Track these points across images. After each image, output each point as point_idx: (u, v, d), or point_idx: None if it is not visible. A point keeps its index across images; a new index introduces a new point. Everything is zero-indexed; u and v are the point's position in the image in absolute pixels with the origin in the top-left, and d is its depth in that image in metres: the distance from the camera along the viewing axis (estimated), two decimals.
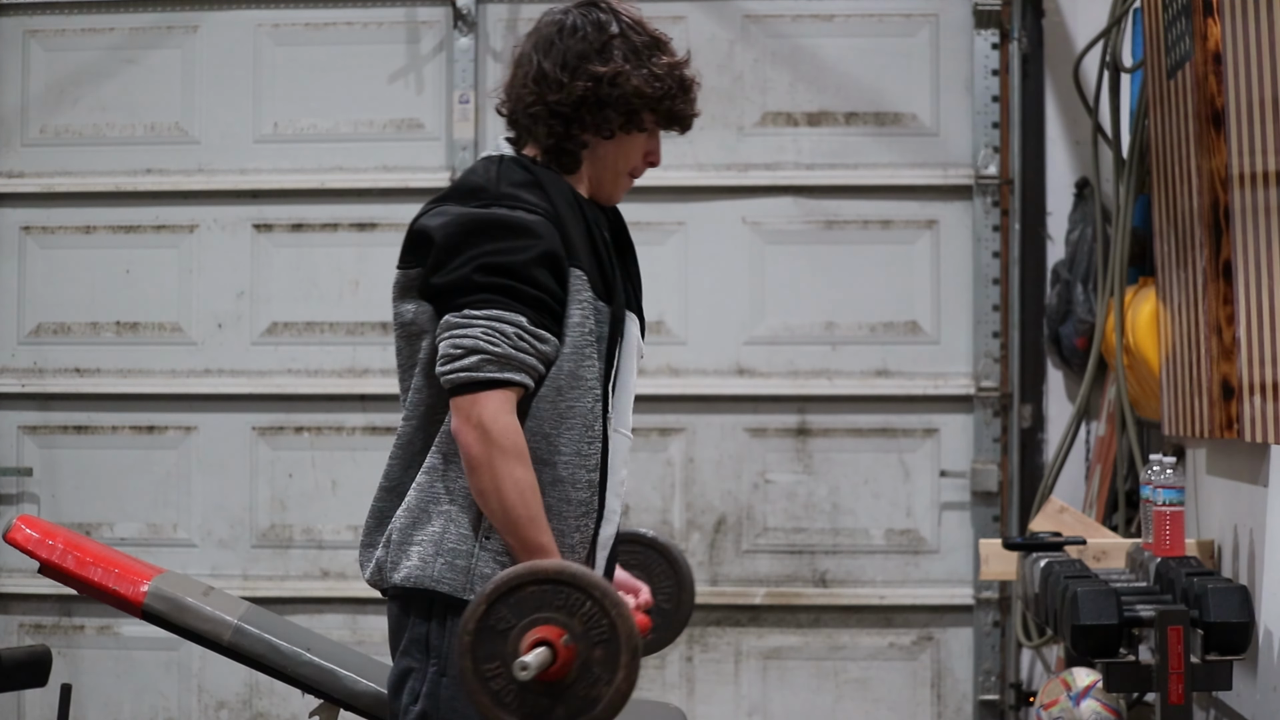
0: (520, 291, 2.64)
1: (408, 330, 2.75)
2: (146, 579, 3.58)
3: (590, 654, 2.45)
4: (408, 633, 2.71)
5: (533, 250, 2.65)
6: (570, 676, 2.46)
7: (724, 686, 5.41)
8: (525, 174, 2.72)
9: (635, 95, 2.76)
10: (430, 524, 2.69)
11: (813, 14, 5.43)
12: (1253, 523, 3.92)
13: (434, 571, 2.66)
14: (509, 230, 2.65)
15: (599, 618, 2.45)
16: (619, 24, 2.79)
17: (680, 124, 2.86)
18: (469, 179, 2.74)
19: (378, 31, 5.51)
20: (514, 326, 2.63)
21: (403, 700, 2.71)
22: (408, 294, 2.74)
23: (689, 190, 5.45)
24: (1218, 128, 3.90)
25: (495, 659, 2.47)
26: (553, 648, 2.45)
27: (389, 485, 2.76)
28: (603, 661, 2.46)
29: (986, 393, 5.33)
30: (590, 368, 2.70)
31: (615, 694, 2.46)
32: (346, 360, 5.50)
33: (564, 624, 2.46)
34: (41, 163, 5.59)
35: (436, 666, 2.68)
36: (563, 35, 2.78)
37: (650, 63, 2.78)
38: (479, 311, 2.63)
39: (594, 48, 2.76)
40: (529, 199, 2.69)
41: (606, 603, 2.46)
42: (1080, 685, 4.27)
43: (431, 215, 2.72)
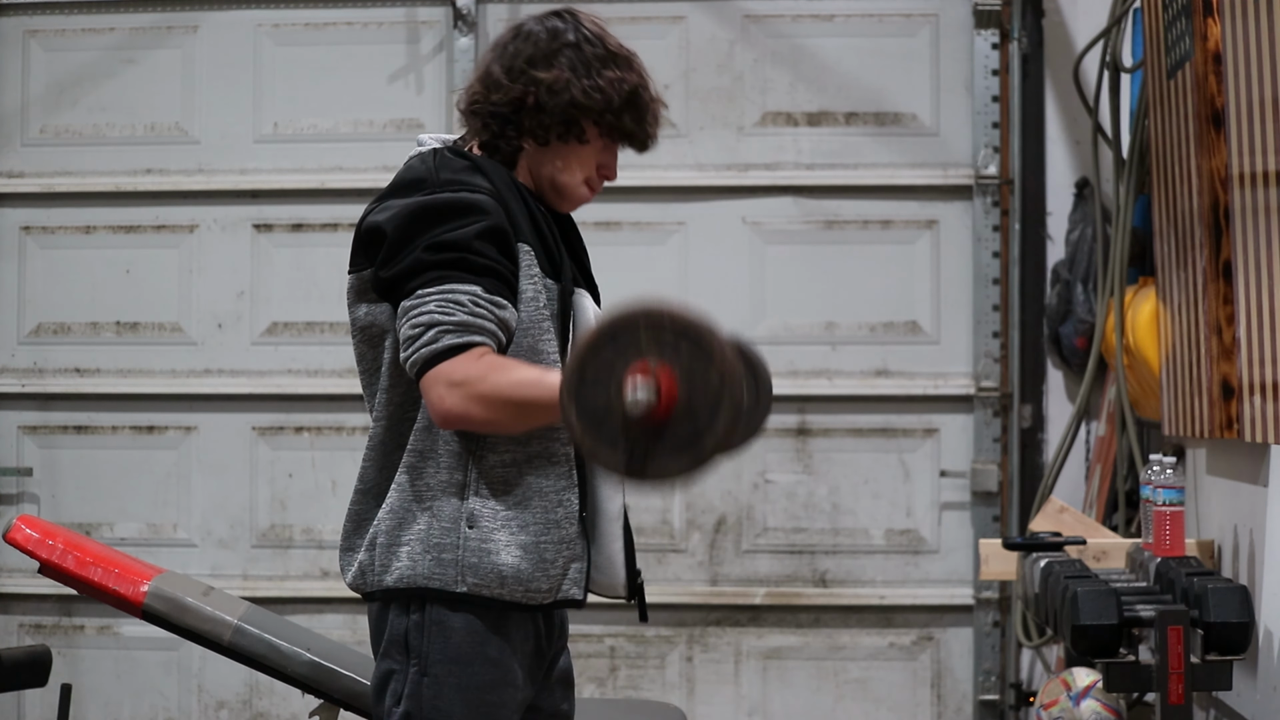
0: (471, 262, 2.62)
1: (368, 334, 2.73)
2: (146, 579, 3.58)
3: (693, 392, 2.44)
4: (387, 633, 2.70)
5: (480, 224, 2.64)
6: (676, 412, 2.44)
7: (724, 686, 5.41)
8: (463, 161, 2.73)
9: (572, 105, 2.74)
10: (415, 523, 2.68)
11: (813, 14, 5.43)
12: (1253, 523, 3.92)
13: (423, 569, 2.66)
14: (455, 210, 2.65)
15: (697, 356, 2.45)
16: (576, 34, 2.78)
17: (630, 140, 2.81)
18: (407, 173, 2.74)
19: (378, 31, 5.51)
20: (468, 295, 2.61)
21: (386, 702, 2.70)
22: (363, 296, 2.72)
23: (689, 190, 5.45)
24: (1218, 128, 3.90)
25: (600, 400, 2.45)
26: (656, 382, 2.43)
27: (364, 488, 2.75)
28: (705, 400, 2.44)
29: (986, 393, 5.33)
30: (549, 341, 2.69)
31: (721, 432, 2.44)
32: (346, 360, 5.50)
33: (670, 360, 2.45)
34: (41, 163, 5.59)
35: (417, 666, 2.67)
36: (516, 39, 2.79)
37: (598, 75, 2.75)
38: (431, 288, 2.61)
39: (541, 53, 2.76)
40: (471, 181, 2.68)
41: (705, 341, 2.45)
42: (1080, 685, 4.27)
43: (377, 212, 2.70)
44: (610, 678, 5.41)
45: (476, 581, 2.65)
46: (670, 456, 2.47)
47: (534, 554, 2.67)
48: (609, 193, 5.34)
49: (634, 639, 5.41)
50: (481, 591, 2.65)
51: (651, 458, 2.47)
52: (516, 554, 2.66)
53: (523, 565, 2.66)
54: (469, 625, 2.66)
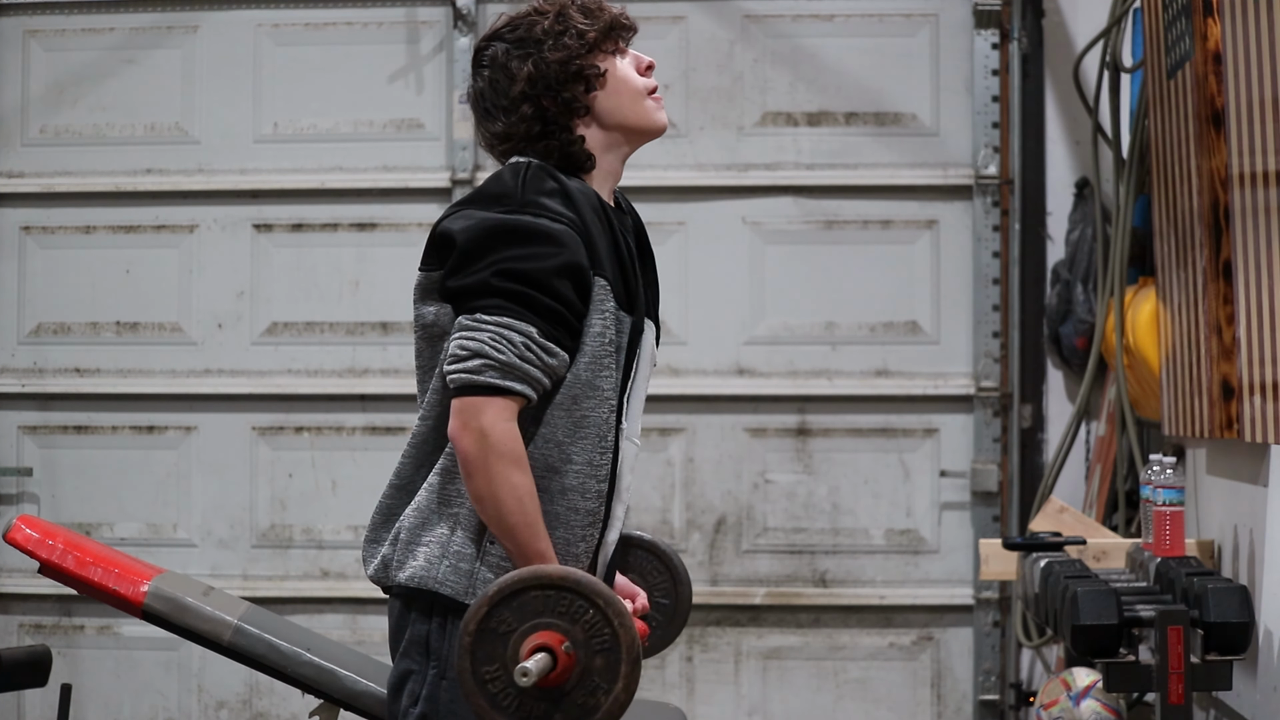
0: (535, 301, 2.62)
1: (429, 332, 2.73)
2: (146, 579, 3.58)
3: (591, 662, 2.45)
4: (408, 633, 2.70)
5: (554, 259, 2.63)
6: (570, 683, 2.46)
7: (724, 686, 5.41)
8: (552, 182, 2.71)
9: (561, 68, 2.76)
10: (439, 525, 2.68)
11: (813, 14, 5.43)
12: (1253, 523, 3.92)
13: (438, 573, 2.66)
14: (532, 237, 2.64)
15: (601, 626, 2.45)
16: (499, 46, 2.79)
17: (617, 31, 2.84)
18: (494, 185, 2.72)
19: (378, 31, 5.51)
20: (523, 336, 2.61)
21: (402, 702, 2.70)
22: (429, 296, 2.72)
23: (689, 190, 5.45)
24: (1218, 128, 3.90)
25: (495, 661, 2.46)
26: (553, 654, 2.44)
27: (399, 483, 2.75)
28: (603, 670, 2.46)
29: (986, 393, 5.33)
30: (608, 378, 2.69)
31: (614, 703, 2.46)
32: (346, 360, 5.50)
33: (565, 630, 2.45)
34: (41, 163, 5.59)
35: (436, 669, 2.67)
36: (476, 93, 2.81)
37: (543, 34, 2.76)
38: (490, 317, 2.62)
39: (502, 76, 2.77)
40: (554, 207, 2.67)
41: (609, 611, 2.45)
42: (1080, 685, 4.27)
43: (454, 219, 2.70)
44: None
45: None
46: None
47: None
48: None
49: None
50: None
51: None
52: None
53: None
54: None
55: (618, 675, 2.45)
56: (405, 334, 5.43)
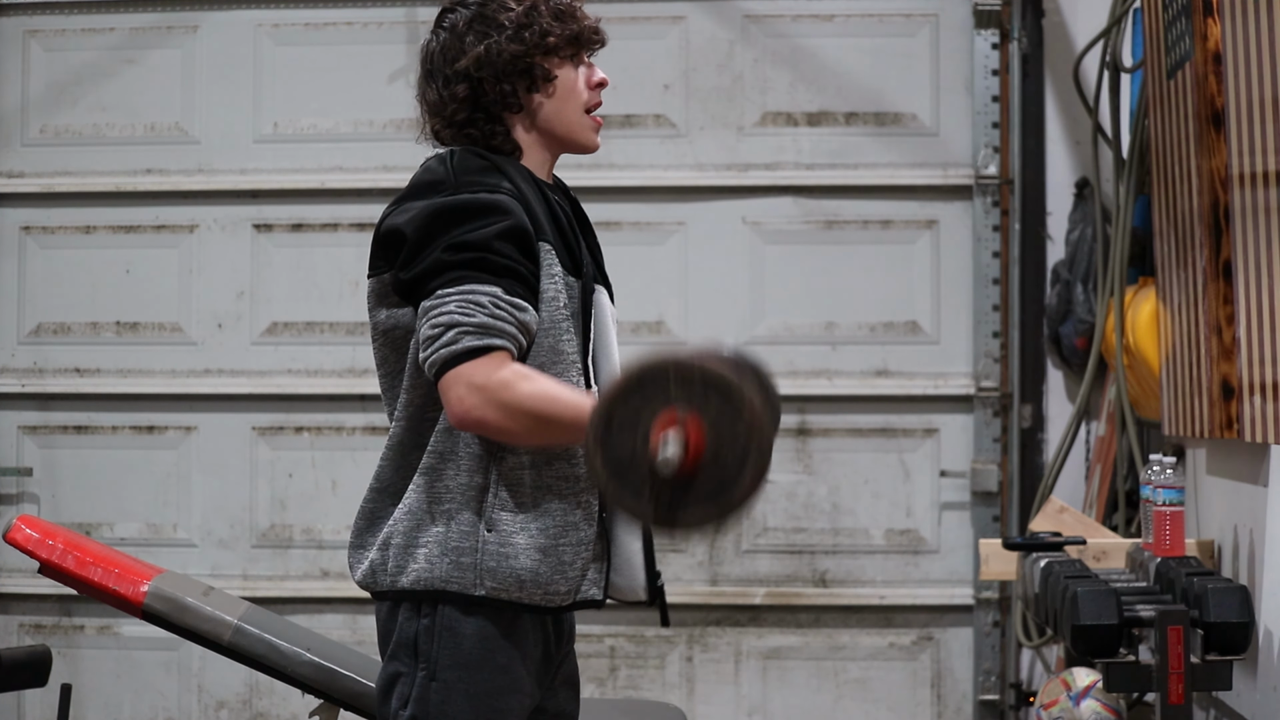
0: (491, 263, 2.61)
1: (390, 337, 2.72)
2: (146, 579, 3.58)
3: (720, 444, 2.42)
4: (396, 635, 2.69)
5: (499, 224, 2.63)
6: (703, 465, 2.43)
7: (724, 686, 5.41)
8: (481, 160, 2.72)
9: (512, 60, 2.73)
10: (433, 525, 2.67)
11: (813, 14, 5.43)
12: (1253, 523, 3.92)
13: (441, 572, 2.65)
14: (474, 211, 2.64)
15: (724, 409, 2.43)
16: (465, 11, 2.77)
17: (583, 41, 2.80)
18: (424, 175, 2.73)
19: (378, 31, 5.51)
20: (489, 296, 2.59)
21: (392, 704, 2.69)
22: (383, 300, 2.71)
23: (689, 190, 5.45)
24: (1218, 128, 3.90)
25: (627, 449, 2.44)
26: (684, 434, 2.41)
27: (380, 486, 2.73)
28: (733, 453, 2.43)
29: (986, 393, 5.33)
30: (569, 342, 2.68)
31: (748, 484, 2.43)
32: (346, 360, 5.50)
33: (698, 411, 2.43)
34: (41, 163, 5.59)
35: (425, 671, 2.66)
36: (424, 59, 2.80)
37: (508, 20, 2.74)
38: (451, 289, 2.60)
39: (452, 47, 2.76)
40: (490, 181, 2.68)
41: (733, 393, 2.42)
42: (1080, 685, 4.27)
43: (396, 214, 2.70)
44: (610, 678, 5.41)
45: (495, 585, 2.64)
46: (697, 507, 2.46)
47: (553, 556, 2.66)
48: (609, 193, 5.39)
49: (634, 639, 5.41)
50: (500, 595, 2.64)
51: (678, 508, 2.46)
52: (535, 557, 2.65)
53: (541, 568, 2.65)
54: (480, 630, 2.65)
55: (748, 455, 2.42)
56: None
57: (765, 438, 2.44)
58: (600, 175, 5.36)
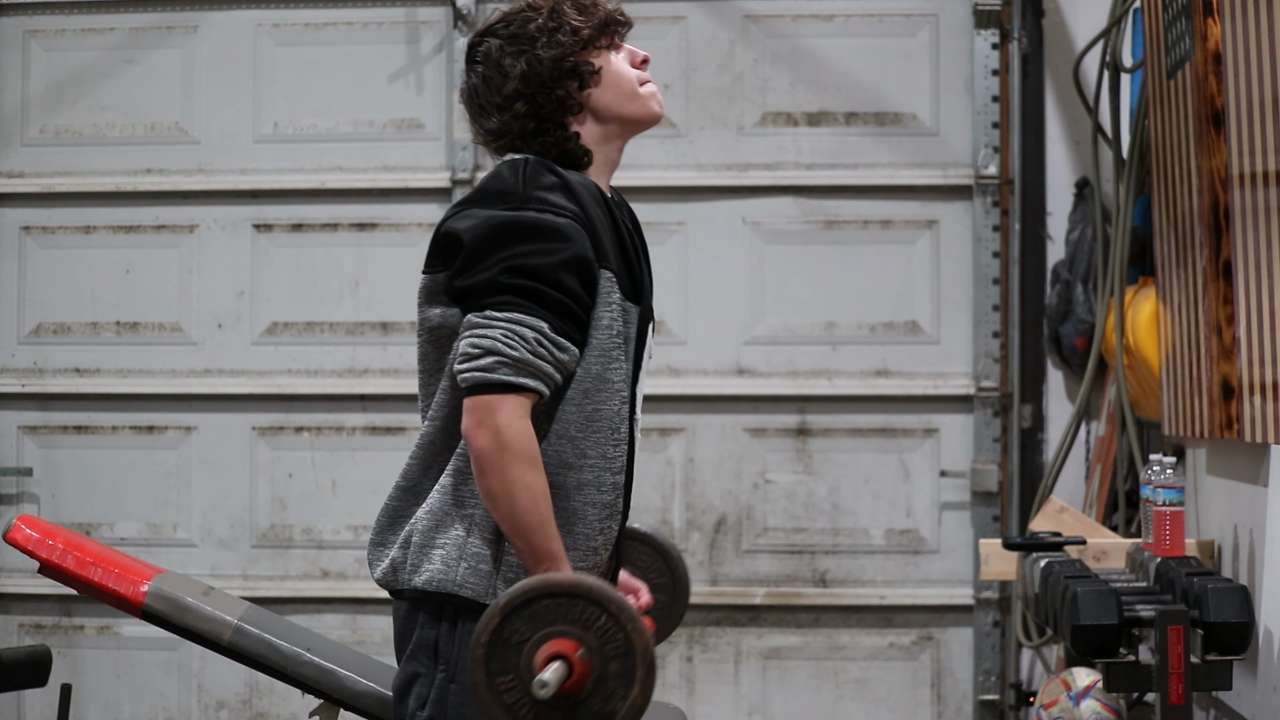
0: (545, 296, 2.61)
1: (436, 335, 2.72)
2: (146, 579, 3.58)
3: (606, 668, 2.43)
4: (415, 636, 2.69)
5: (561, 254, 2.62)
6: (585, 691, 2.43)
7: (724, 686, 5.41)
8: (552, 177, 2.70)
9: (555, 66, 2.75)
10: (454, 527, 2.66)
11: (813, 14, 5.43)
12: (1253, 523, 3.92)
13: (457, 576, 2.64)
14: (537, 233, 2.63)
15: (614, 631, 2.43)
16: (493, 43, 2.79)
17: (612, 26, 2.82)
18: (495, 182, 2.72)
19: (378, 31, 5.51)
20: (534, 331, 2.60)
21: (409, 705, 2.69)
22: (434, 298, 2.71)
23: (689, 190, 5.45)
24: (1218, 128, 3.90)
25: (509, 672, 2.44)
26: (568, 662, 2.42)
27: (406, 485, 2.73)
28: (618, 675, 2.43)
29: (986, 393, 5.33)
30: (617, 370, 2.69)
31: (631, 708, 2.44)
32: (346, 360, 5.50)
33: (579, 638, 2.43)
34: (41, 163, 5.59)
35: (445, 672, 2.66)
36: (468, 91, 2.81)
37: (538, 31, 2.76)
38: (500, 313, 2.61)
39: (495, 75, 2.77)
40: (558, 201, 2.67)
41: (622, 617, 2.43)
42: (1080, 685, 4.27)
43: (458, 218, 2.69)
44: None
45: None
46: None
47: None
48: None
49: None
50: None
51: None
52: None
53: None
54: None
55: (634, 680, 2.43)
56: (405, 334, 5.43)
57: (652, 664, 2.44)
58: None
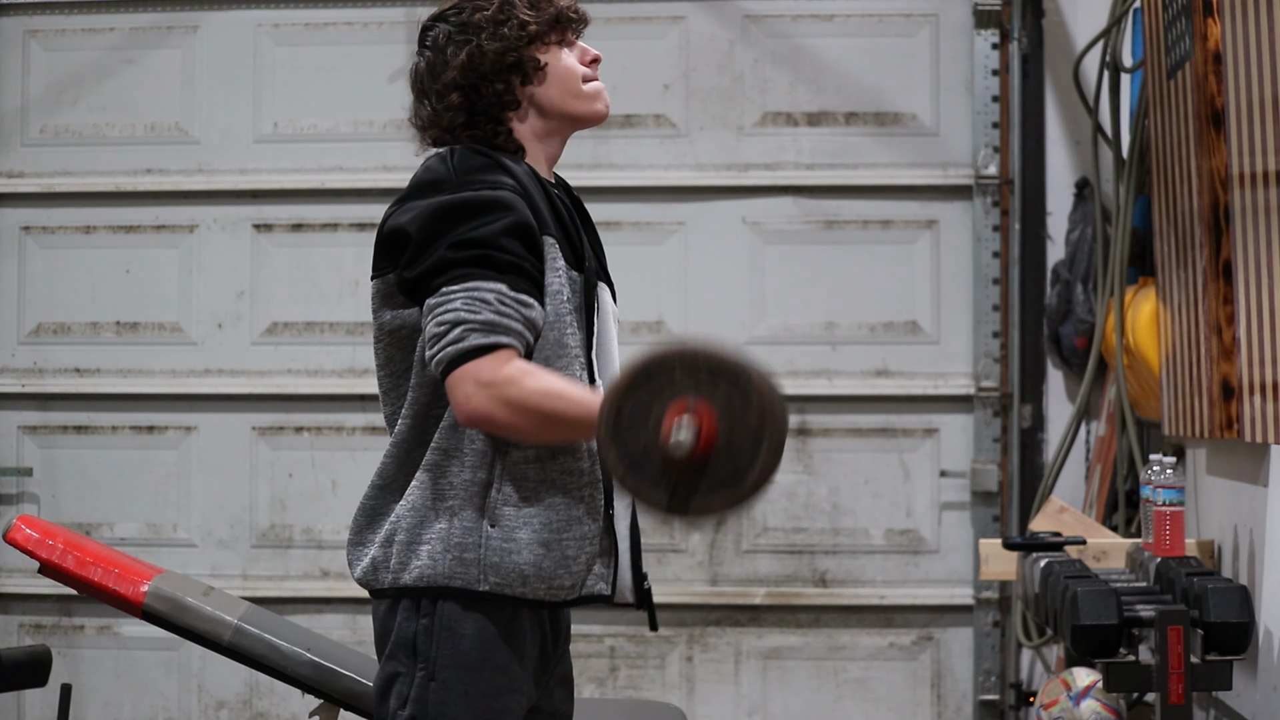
0: (496, 259, 2.61)
1: (397, 337, 2.72)
2: (146, 579, 3.58)
3: (733, 428, 2.44)
4: (394, 635, 2.69)
5: (503, 220, 2.63)
6: (717, 450, 2.44)
7: (724, 686, 5.41)
8: (482, 158, 2.72)
9: (498, 57, 2.75)
10: (437, 521, 2.66)
11: (813, 14, 5.43)
12: (1253, 523, 3.92)
13: (444, 568, 2.64)
14: (477, 208, 2.64)
15: (735, 395, 2.44)
16: (442, 29, 2.78)
17: (565, 25, 2.81)
18: (426, 174, 2.73)
19: (378, 31, 5.51)
20: (494, 293, 2.59)
21: (390, 704, 2.68)
22: (389, 301, 2.72)
23: (689, 190, 5.45)
24: (1218, 128, 3.90)
25: (640, 440, 2.45)
26: (696, 421, 2.43)
27: (382, 484, 2.73)
28: (746, 435, 2.44)
29: (986, 393, 5.33)
30: (573, 335, 2.68)
31: (762, 467, 2.45)
32: (346, 360, 5.50)
33: (709, 396, 2.44)
34: (41, 163, 5.59)
35: (424, 671, 2.65)
36: (413, 76, 2.81)
37: (485, 21, 2.75)
38: (456, 285, 2.60)
39: (437, 61, 2.77)
40: (491, 178, 2.67)
41: (741, 378, 2.45)
42: (1080, 685, 4.27)
43: (398, 214, 2.70)
44: (610, 678, 5.41)
45: (498, 581, 2.63)
46: (712, 494, 2.47)
47: (556, 551, 2.66)
48: (609, 193, 5.39)
49: (634, 639, 5.41)
50: (503, 590, 2.64)
51: (693, 495, 2.47)
52: (539, 552, 2.65)
53: (544, 563, 2.65)
54: (479, 630, 2.64)
55: (762, 438, 2.44)
56: None
57: (777, 420, 2.46)
58: (600, 175, 5.36)
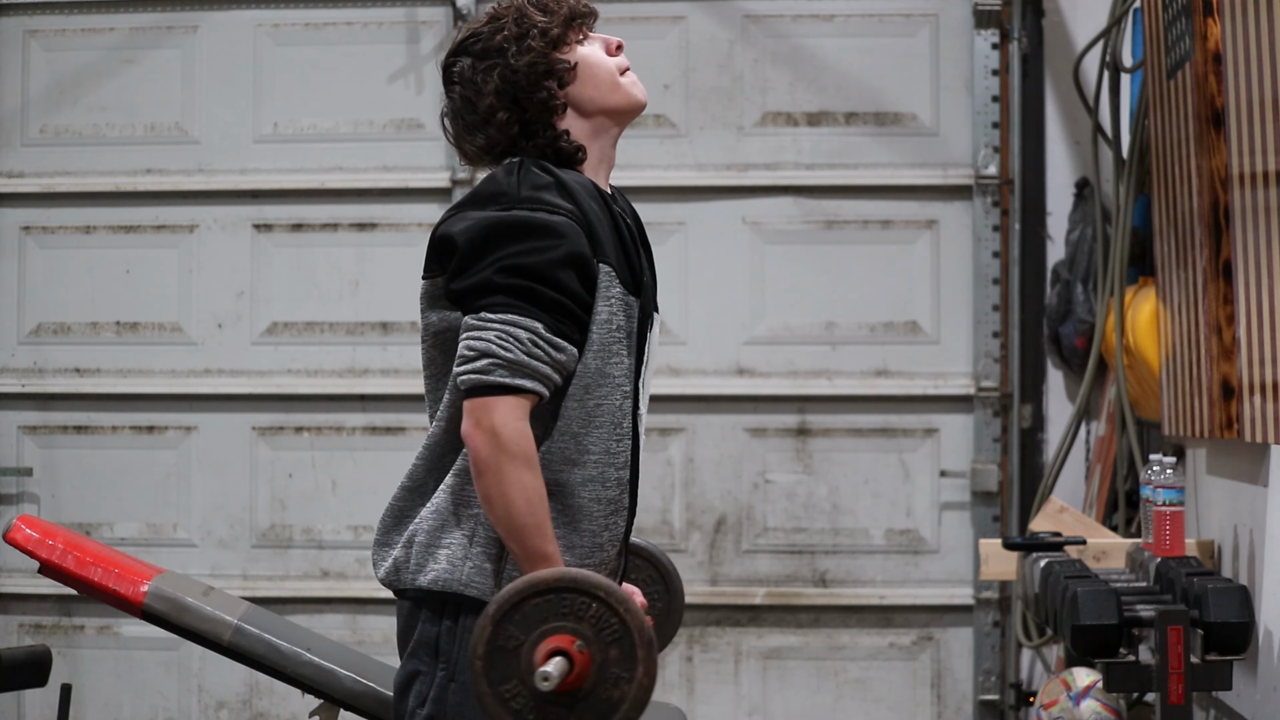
0: (539, 295, 2.60)
1: (441, 339, 2.72)
2: (146, 579, 3.58)
3: (606, 655, 2.42)
4: (416, 634, 2.69)
5: (555, 251, 2.62)
6: (589, 682, 2.42)
7: (724, 686, 5.41)
8: (546, 176, 2.70)
9: (530, 71, 2.75)
10: (459, 527, 2.66)
11: (813, 14, 5.43)
12: (1253, 523, 3.92)
13: (463, 575, 2.64)
14: (531, 231, 2.63)
15: (608, 617, 2.42)
16: (465, 62, 2.78)
17: (579, 21, 2.81)
18: (489, 185, 2.71)
19: (378, 31, 5.51)
20: (529, 332, 2.59)
21: (409, 703, 2.69)
22: (436, 303, 2.71)
23: (689, 190, 5.45)
24: (1218, 128, 3.90)
25: (512, 678, 2.43)
26: (568, 656, 2.41)
27: (411, 485, 2.73)
28: (619, 660, 2.42)
29: (986, 393, 5.33)
30: (618, 365, 2.68)
31: (638, 690, 2.42)
32: (346, 360, 5.50)
33: (574, 630, 2.42)
34: (41, 163, 5.59)
35: (445, 671, 2.66)
36: (450, 109, 2.81)
37: (505, 40, 2.75)
38: (495, 315, 2.60)
39: (471, 91, 2.77)
40: (551, 200, 2.66)
41: (612, 600, 2.42)
42: (1080, 685, 4.27)
43: (453, 221, 2.69)
44: None
45: None
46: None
47: None
48: None
49: None
50: None
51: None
52: None
53: None
54: None
55: (635, 661, 2.41)
56: (405, 334, 5.43)
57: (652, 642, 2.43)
58: None
